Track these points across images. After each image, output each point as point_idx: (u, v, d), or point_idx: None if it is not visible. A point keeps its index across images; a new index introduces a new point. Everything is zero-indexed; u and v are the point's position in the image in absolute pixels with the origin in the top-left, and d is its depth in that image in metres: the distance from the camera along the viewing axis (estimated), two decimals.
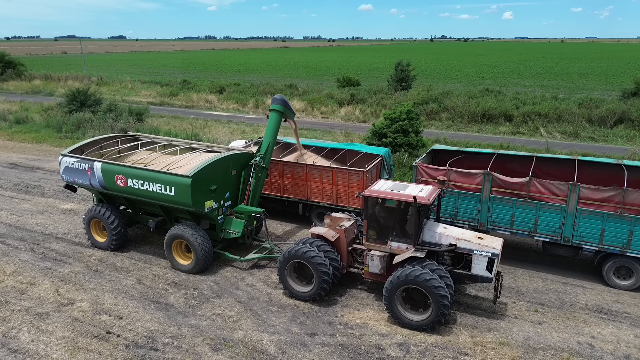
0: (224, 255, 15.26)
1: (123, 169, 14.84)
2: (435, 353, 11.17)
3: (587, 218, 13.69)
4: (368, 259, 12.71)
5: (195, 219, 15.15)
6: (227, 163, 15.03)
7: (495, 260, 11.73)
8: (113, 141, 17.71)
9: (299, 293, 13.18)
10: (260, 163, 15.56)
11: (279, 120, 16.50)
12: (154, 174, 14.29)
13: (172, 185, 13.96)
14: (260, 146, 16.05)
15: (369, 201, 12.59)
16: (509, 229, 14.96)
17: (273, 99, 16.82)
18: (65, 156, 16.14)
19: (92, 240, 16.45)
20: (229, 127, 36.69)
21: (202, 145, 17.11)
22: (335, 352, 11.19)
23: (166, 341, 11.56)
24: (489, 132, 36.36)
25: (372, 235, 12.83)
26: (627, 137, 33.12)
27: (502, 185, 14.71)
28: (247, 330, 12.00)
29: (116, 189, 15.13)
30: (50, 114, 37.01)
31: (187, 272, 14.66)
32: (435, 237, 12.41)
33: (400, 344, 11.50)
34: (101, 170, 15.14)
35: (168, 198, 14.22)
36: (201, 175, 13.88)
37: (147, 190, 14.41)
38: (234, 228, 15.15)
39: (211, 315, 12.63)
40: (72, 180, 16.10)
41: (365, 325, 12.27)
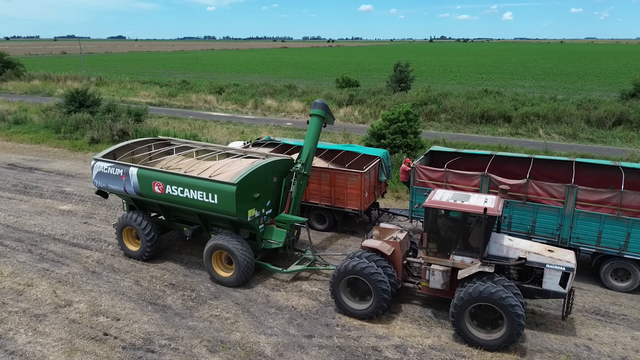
0: (265, 266, 14.59)
1: (161, 175, 14.20)
2: (433, 355, 11.17)
3: (584, 220, 13.70)
4: (428, 273, 12.06)
5: (235, 228, 14.55)
6: (269, 170, 14.38)
7: (570, 274, 11.08)
8: (145, 146, 17.13)
9: (354, 311, 12.43)
10: (301, 170, 14.98)
11: (320, 125, 15.76)
12: (196, 181, 13.67)
13: (215, 193, 13.33)
14: (300, 153, 15.42)
15: (430, 212, 11.84)
16: (506, 230, 14.95)
17: (314, 103, 16.05)
18: (98, 161, 15.51)
19: (125, 249, 15.82)
20: (227, 127, 36.69)
21: (238, 151, 16.50)
22: (333, 354, 11.19)
23: (163, 343, 11.55)
24: (487, 133, 36.35)
25: (432, 248, 12.07)
26: (626, 138, 33.11)
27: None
28: (244, 332, 11.99)
29: (152, 196, 14.51)
30: (49, 115, 36.96)
31: (228, 285, 14.03)
32: (502, 250, 11.70)
33: (397, 346, 11.51)
34: (137, 176, 14.51)
35: (210, 206, 13.59)
36: (245, 183, 13.28)
37: (187, 197, 13.80)
38: (275, 238, 14.50)
39: (208, 317, 12.62)
40: (105, 186, 15.49)
41: (363, 327, 12.27)
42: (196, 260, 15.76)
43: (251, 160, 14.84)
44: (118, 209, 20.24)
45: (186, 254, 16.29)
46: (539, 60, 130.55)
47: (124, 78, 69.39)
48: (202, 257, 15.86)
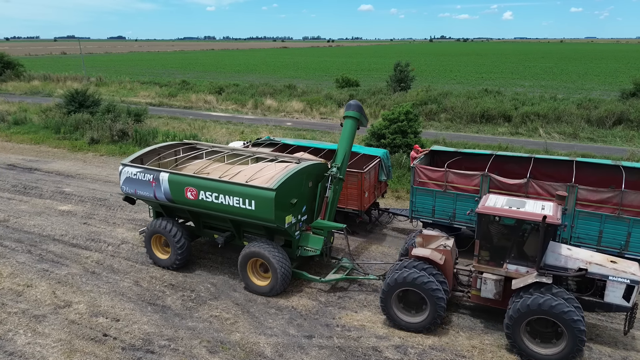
0: (301, 275, 14.00)
1: (195, 181, 13.62)
2: (433, 355, 11.14)
3: (585, 219, 13.66)
4: (479, 282, 11.64)
5: (269, 235, 14.03)
6: (305, 175, 13.83)
7: (635, 287, 10.45)
8: (172, 150, 16.64)
9: (408, 324, 11.89)
10: (337, 174, 14.46)
11: (355, 127, 15.16)
12: (231, 186, 13.11)
13: (252, 199, 12.76)
14: (335, 156, 14.84)
15: (483, 219, 11.37)
16: None
17: (348, 104, 15.51)
18: (126, 166, 14.94)
19: (153, 258, 15.25)
20: (227, 127, 36.66)
21: (268, 155, 15.86)
22: (333, 355, 11.16)
23: (163, 344, 11.52)
24: (487, 132, 36.32)
25: (484, 256, 11.62)
26: (626, 137, 33.08)
27: (500, 187, 14.69)
28: (244, 333, 11.96)
29: (184, 202, 13.94)
30: (48, 115, 36.92)
31: (264, 295, 13.52)
32: (561, 260, 11.08)
33: (397, 346, 11.47)
34: (168, 182, 13.93)
35: (246, 212, 13.02)
36: (283, 188, 12.76)
37: (222, 203, 13.22)
38: (312, 245, 13.90)
39: (208, 318, 12.59)
40: (134, 192, 14.89)
41: (363, 327, 12.23)
42: (196, 261, 15.72)
43: (284, 165, 14.35)
44: (118, 209, 20.24)
45: None
46: (538, 59, 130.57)
47: (124, 78, 69.37)
48: (202, 257, 15.95)
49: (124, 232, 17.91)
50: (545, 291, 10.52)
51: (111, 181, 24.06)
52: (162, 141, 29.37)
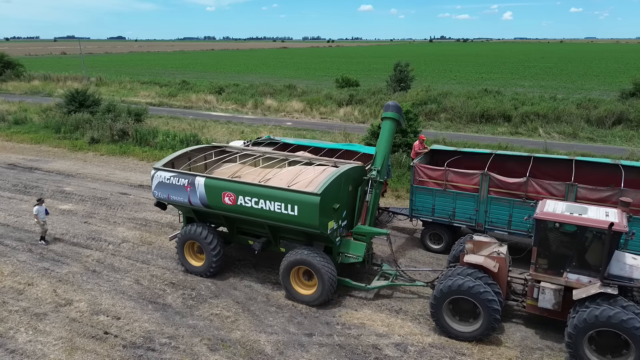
0: (346, 282, 13.43)
1: (233, 185, 13.14)
2: (433, 353, 11.18)
3: None
4: (537, 291, 11.15)
5: (309, 241, 13.53)
6: (346, 178, 13.37)
7: None
8: (201, 155, 16.17)
9: (460, 333, 11.45)
10: (377, 178, 14.11)
11: (394, 129, 14.86)
12: (272, 191, 12.62)
13: (295, 204, 12.27)
14: (374, 159, 14.56)
15: (541, 225, 10.98)
16: (506, 229, 14.98)
17: (386, 105, 15.12)
18: (159, 170, 14.40)
19: (186, 265, 14.75)
20: (228, 127, 36.72)
21: (302, 157, 15.40)
22: (333, 352, 11.20)
23: (164, 341, 11.56)
24: (487, 132, 36.37)
25: (542, 264, 11.20)
26: (626, 137, 33.13)
27: (500, 186, 14.73)
28: (245, 331, 12.00)
29: (221, 207, 13.45)
30: (49, 115, 36.96)
31: (308, 304, 13.02)
32: (626, 270, 10.49)
33: (397, 344, 11.52)
34: (204, 186, 13.42)
35: (288, 218, 12.52)
36: (327, 193, 12.28)
37: (262, 209, 12.74)
38: (353, 251, 13.34)
39: (209, 316, 12.63)
40: (167, 197, 14.33)
41: (363, 325, 12.28)
42: None
43: (322, 168, 13.84)
44: (118, 208, 20.27)
45: None
46: (538, 60, 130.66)
47: (124, 78, 69.40)
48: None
49: (124, 231, 17.94)
50: (614, 303, 9.98)
51: (111, 180, 24.12)
52: (162, 141, 29.51)
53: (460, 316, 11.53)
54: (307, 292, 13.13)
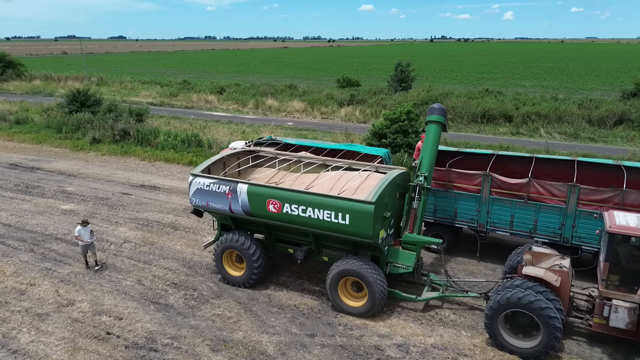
0: (396, 294, 12.92)
1: (279, 193, 12.60)
2: (435, 354, 11.18)
3: (586, 219, 13.69)
4: (607, 310, 10.58)
5: (355, 250, 13.00)
6: (395, 185, 12.95)
7: None
8: (235, 158, 15.71)
9: (516, 349, 10.95)
10: (424, 184, 13.72)
11: (440, 132, 14.45)
12: (322, 199, 12.06)
13: (346, 212, 11.73)
14: (420, 164, 14.08)
15: (614, 239, 10.42)
16: (508, 229, 14.98)
17: (431, 108, 14.69)
18: (197, 177, 13.86)
19: (224, 275, 14.20)
20: (229, 127, 36.71)
21: (338, 161, 14.76)
22: (335, 353, 11.21)
23: (166, 342, 11.57)
24: (488, 132, 36.35)
25: (613, 280, 10.58)
26: (627, 137, 33.10)
27: (502, 186, 14.73)
28: (247, 331, 12.01)
29: (265, 215, 12.93)
30: (50, 115, 36.99)
31: (358, 316, 12.53)
32: None
33: (399, 344, 11.52)
34: (247, 194, 12.87)
35: (338, 227, 11.97)
36: (380, 201, 11.82)
37: (310, 217, 12.19)
38: (403, 261, 12.81)
39: (211, 316, 12.64)
40: (205, 205, 13.78)
41: (365, 326, 12.28)
42: (198, 260, 15.78)
43: (366, 174, 13.36)
44: (120, 209, 20.28)
45: (188, 253, 16.28)
46: (539, 59, 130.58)
47: (125, 78, 69.43)
48: (204, 256, 15.97)
49: (126, 231, 17.95)
50: None
51: (113, 180, 24.13)
52: (164, 141, 29.53)
53: (517, 330, 11.04)
54: (356, 304, 12.60)
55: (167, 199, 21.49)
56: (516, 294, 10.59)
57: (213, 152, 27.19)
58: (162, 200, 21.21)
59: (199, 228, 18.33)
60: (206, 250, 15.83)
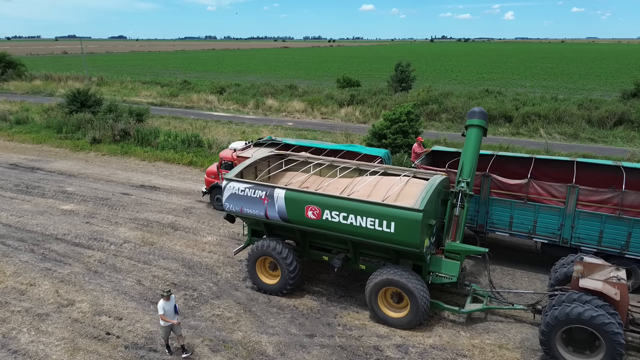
0: (438, 305, 12.46)
1: (318, 199, 12.19)
2: (434, 354, 11.20)
3: (585, 220, 13.69)
4: None
5: (395, 259, 12.58)
6: (438, 191, 12.50)
7: None
8: (265, 162, 15.38)
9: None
10: (467, 190, 13.28)
11: (481, 137, 13.99)
12: (366, 206, 11.66)
13: (392, 220, 11.32)
14: (461, 170, 13.65)
15: None
16: (507, 230, 14.99)
17: (471, 112, 14.34)
18: (231, 181, 13.52)
19: (258, 283, 13.78)
20: (229, 127, 36.72)
21: (373, 166, 14.45)
22: (334, 354, 11.23)
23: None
24: (488, 133, 36.17)
25: None
26: (627, 138, 33.09)
27: (501, 187, 14.75)
28: (246, 332, 12.04)
29: (303, 222, 12.54)
30: (50, 115, 37.02)
31: (399, 327, 12.11)
32: None
33: (399, 345, 11.54)
34: (285, 199, 12.54)
35: (382, 235, 11.57)
36: (427, 208, 11.40)
37: (352, 224, 11.80)
38: (446, 271, 12.30)
39: (210, 317, 12.66)
40: (239, 210, 13.43)
41: (364, 326, 12.30)
42: (198, 260, 15.80)
43: (405, 179, 12.94)
44: (120, 209, 20.30)
45: (188, 254, 16.30)
46: (539, 60, 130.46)
47: (125, 78, 69.44)
48: (203, 256, 15.99)
49: (126, 232, 17.98)
50: None
51: (113, 180, 24.15)
52: (164, 141, 29.53)
53: (575, 347, 10.49)
54: (396, 315, 12.22)
55: (167, 199, 21.51)
56: (575, 309, 9.99)
57: (213, 153, 27.26)
58: (162, 201, 21.23)
59: (198, 228, 18.35)
60: (236, 256, 15.61)
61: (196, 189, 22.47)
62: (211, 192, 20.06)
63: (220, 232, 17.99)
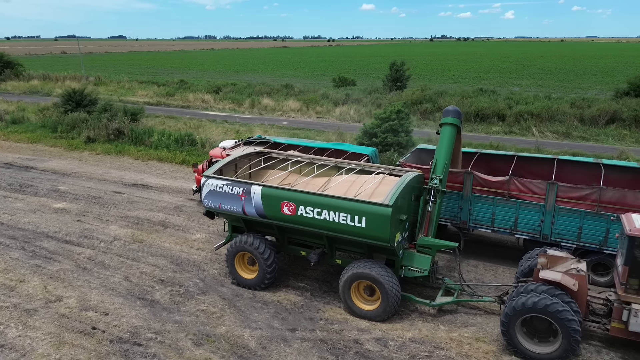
0: (409, 298, 12.89)
1: (294, 195, 12.62)
2: (412, 347, 11.44)
3: (565, 216, 13.93)
4: (627, 314, 10.48)
5: (369, 253, 13.06)
6: (410, 187, 12.99)
7: None
8: (246, 159, 15.74)
9: (535, 355, 10.83)
10: (439, 187, 13.68)
11: (454, 135, 14.32)
12: (338, 202, 12.05)
13: (363, 215, 11.74)
14: (435, 167, 14.01)
15: (635, 242, 10.33)
16: (490, 226, 15.23)
17: (445, 110, 14.70)
18: (210, 178, 13.91)
19: (237, 278, 14.18)
20: (223, 127, 36.94)
21: (351, 163, 14.83)
22: (315, 347, 11.47)
23: (150, 336, 11.83)
24: (482, 131, 36.60)
25: (633, 284, 10.50)
26: (618, 136, 33.35)
27: (483, 184, 14.98)
28: (230, 326, 12.27)
29: (279, 218, 12.94)
30: (46, 114, 37.26)
31: (371, 319, 12.49)
32: None
33: (378, 338, 11.78)
34: (261, 196, 12.91)
35: (354, 230, 11.97)
36: (397, 203, 11.85)
37: (325, 220, 12.18)
38: (418, 265, 12.71)
39: (195, 312, 12.90)
40: (217, 206, 13.84)
41: (346, 320, 12.55)
42: (186, 257, 16.03)
43: (380, 177, 13.38)
44: (111, 207, 20.53)
45: (176, 251, 16.53)
46: (537, 58, 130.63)
47: (123, 78, 69.66)
48: (191, 253, 16.22)
49: (116, 229, 18.21)
50: None
51: (106, 179, 24.39)
52: (158, 140, 29.73)
53: (535, 336, 10.95)
54: (368, 308, 12.57)
55: (159, 197, 21.75)
56: (533, 299, 10.49)
57: (206, 151, 27.45)
58: (154, 199, 21.46)
59: (188, 226, 18.59)
60: (216, 252, 15.94)
61: (188, 188, 22.69)
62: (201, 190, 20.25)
63: (210, 230, 18.22)
